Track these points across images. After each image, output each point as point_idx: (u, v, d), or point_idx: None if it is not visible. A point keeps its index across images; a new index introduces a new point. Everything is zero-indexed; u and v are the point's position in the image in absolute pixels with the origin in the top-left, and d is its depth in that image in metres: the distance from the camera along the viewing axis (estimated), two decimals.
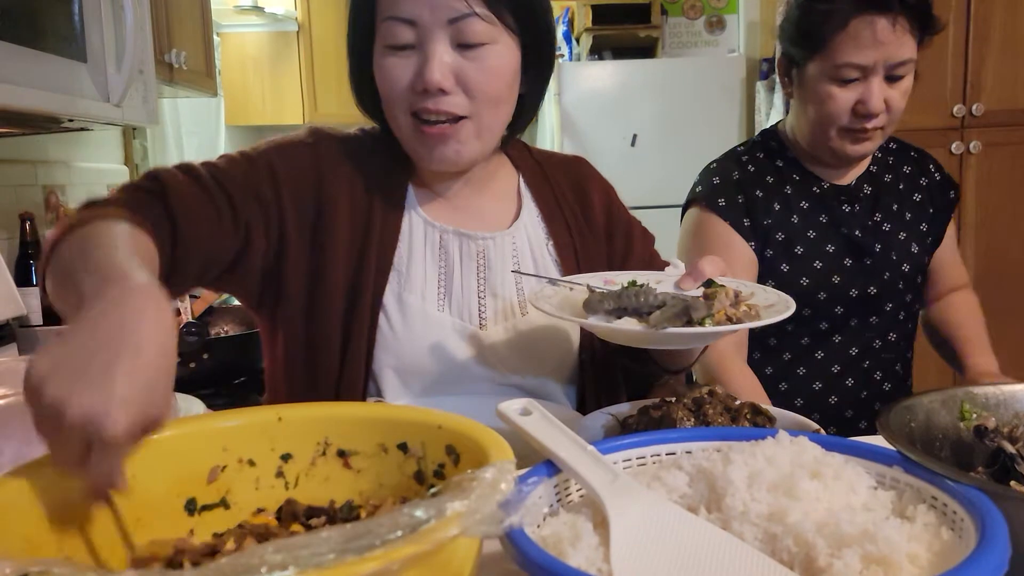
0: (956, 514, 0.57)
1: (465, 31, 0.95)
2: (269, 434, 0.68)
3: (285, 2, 4.05)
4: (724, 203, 1.44)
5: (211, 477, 0.67)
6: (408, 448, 0.66)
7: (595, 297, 0.86)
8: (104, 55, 1.70)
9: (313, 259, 1.03)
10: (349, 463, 0.69)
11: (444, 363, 1.04)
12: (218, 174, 0.99)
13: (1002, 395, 0.81)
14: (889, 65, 1.32)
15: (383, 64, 0.99)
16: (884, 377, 1.50)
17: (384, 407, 0.70)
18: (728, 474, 0.62)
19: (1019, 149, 3.00)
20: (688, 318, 0.80)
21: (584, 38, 3.64)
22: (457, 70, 0.97)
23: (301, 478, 0.69)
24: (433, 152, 1.01)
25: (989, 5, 2.90)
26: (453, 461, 0.64)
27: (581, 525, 0.60)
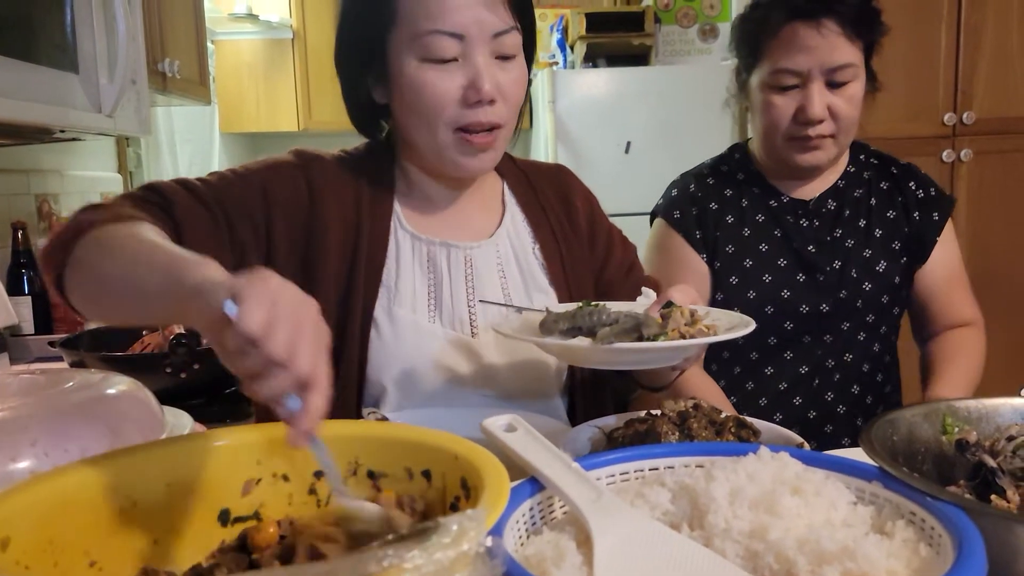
0: (934, 530, 0.58)
1: (506, 44, 1.01)
2: (302, 450, 0.68)
3: (280, 10, 4.05)
4: (679, 215, 1.45)
5: (245, 490, 0.68)
6: (431, 476, 0.67)
7: (551, 317, 0.87)
8: (96, 65, 1.70)
9: (303, 279, 1.04)
10: (379, 485, 0.69)
11: (438, 373, 1.05)
12: (215, 192, 1.00)
13: (984, 409, 0.82)
14: (826, 70, 1.31)
15: (423, 78, 1.00)
16: (836, 398, 1.43)
17: (407, 429, 0.71)
18: (710, 491, 0.62)
19: (1010, 157, 3.01)
20: (639, 335, 0.81)
21: (578, 46, 3.65)
22: (498, 81, 1.01)
23: (333, 497, 0.69)
24: (475, 159, 1.04)
25: (980, 14, 2.92)
26: (465, 496, 0.64)
27: (564, 544, 0.60)
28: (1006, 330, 3.06)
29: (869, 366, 1.45)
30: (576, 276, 1.15)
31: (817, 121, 1.32)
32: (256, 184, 1.04)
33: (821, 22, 1.29)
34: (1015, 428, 0.80)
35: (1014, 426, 0.80)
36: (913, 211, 1.47)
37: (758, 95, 1.38)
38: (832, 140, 1.36)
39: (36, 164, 2.38)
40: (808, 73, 1.31)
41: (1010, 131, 2.99)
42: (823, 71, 1.31)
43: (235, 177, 1.04)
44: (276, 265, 1.03)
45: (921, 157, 2.98)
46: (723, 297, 1.42)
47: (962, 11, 2.92)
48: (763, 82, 1.36)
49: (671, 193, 1.50)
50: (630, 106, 3.48)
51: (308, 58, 4.08)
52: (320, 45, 3.99)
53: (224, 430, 0.72)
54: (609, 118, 3.49)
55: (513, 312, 1.01)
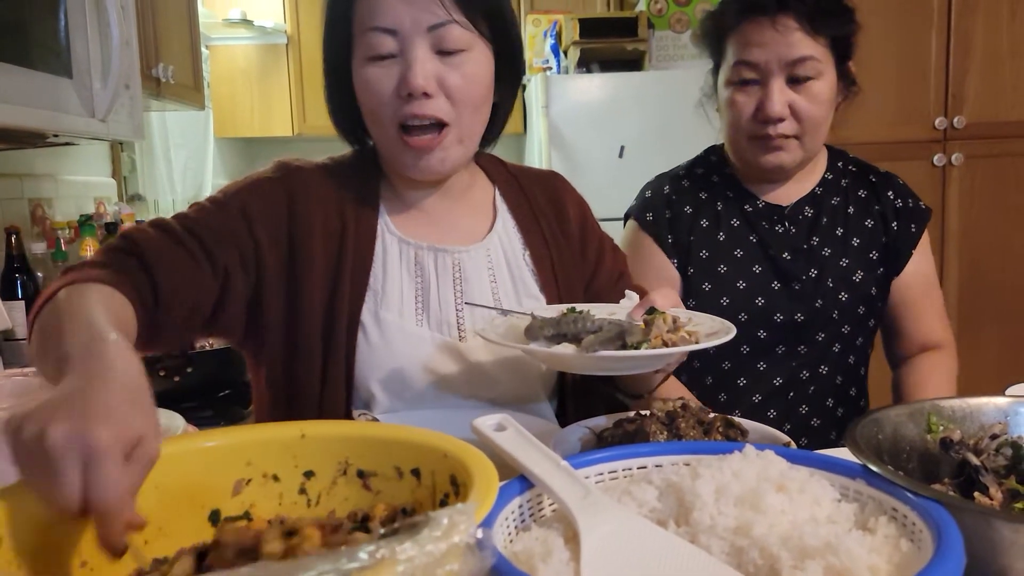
0: (915, 525, 0.59)
1: (445, 37, 0.99)
2: (292, 451, 0.70)
3: (274, 15, 4.06)
4: (651, 218, 1.43)
5: (236, 490, 0.69)
6: (420, 474, 0.67)
7: (536, 324, 0.88)
8: (90, 70, 1.71)
9: (290, 288, 1.05)
10: (368, 484, 0.70)
11: (426, 376, 1.06)
12: (190, 224, 1.01)
13: (968, 408, 0.83)
14: (785, 64, 1.28)
15: (365, 75, 1.02)
16: (811, 411, 1.40)
17: (396, 429, 0.72)
18: (696, 488, 0.63)
19: (1001, 161, 3.03)
20: (623, 342, 0.82)
21: (572, 51, 3.66)
22: (438, 75, 1.00)
23: (323, 496, 0.70)
24: (419, 162, 1.03)
25: (970, 19, 2.94)
26: (455, 492, 0.65)
27: (552, 540, 0.61)
28: (996, 333, 3.08)
29: (843, 379, 1.42)
30: (566, 282, 1.16)
31: (776, 119, 1.30)
32: (235, 207, 1.04)
33: (776, 17, 1.27)
34: (998, 427, 0.81)
35: (997, 425, 0.81)
36: (891, 220, 1.44)
37: (723, 92, 1.37)
38: (796, 141, 1.33)
39: (30, 168, 2.38)
40: (766, 66, 1.29)
41: (1000, 135, 3.01)
42: (781, 65, 1.28)
43: (212, 204, 1.05)
44: (266, 276, 1.04)
45: (912, 161, 3.01)
46: (695, 303, 1.37)
47: (952, 16, 2.94)
48: (726, 79, 1.35)
49: (644, 195, 1.48)
50: (624, 111, 3.49)
51: (302, 63, 4.09)
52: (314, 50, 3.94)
53: (214, 431, 0.72)
54: (603, 123, 3.50)
55: (499, 316, 1.01)
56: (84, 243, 2.23)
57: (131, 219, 2.62)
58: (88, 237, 2.25)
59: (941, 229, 3.05)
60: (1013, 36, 2.96)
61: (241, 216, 1.03)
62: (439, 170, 1.05)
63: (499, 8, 1.04)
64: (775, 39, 1.28)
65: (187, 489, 0.67)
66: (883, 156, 3.02)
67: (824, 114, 1.32)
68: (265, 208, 1.05)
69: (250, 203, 1.05)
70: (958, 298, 3.07)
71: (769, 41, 1.28)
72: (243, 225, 1.03)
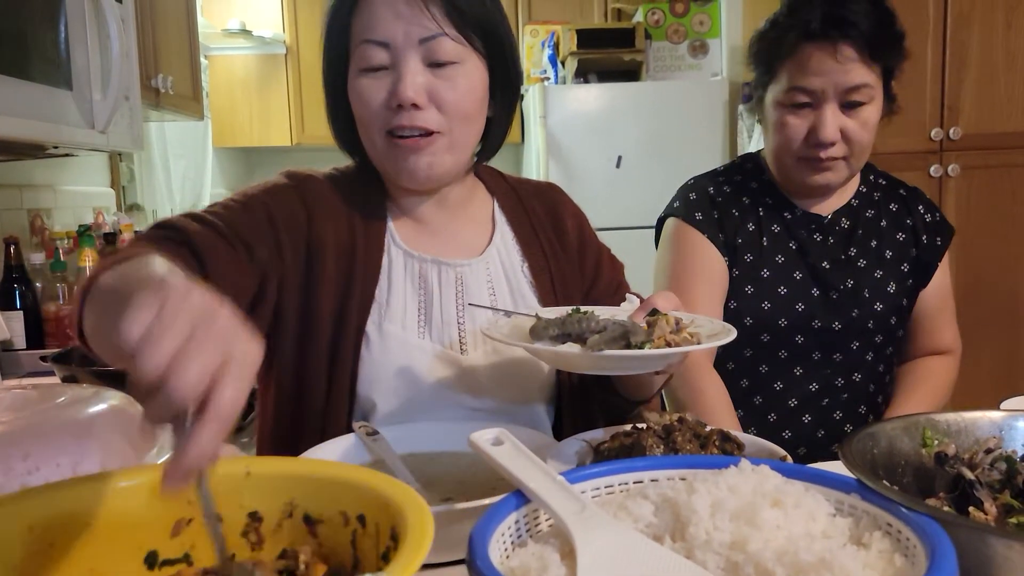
0: (909, 541, 0.59)
1: (436, 50, 1.00)
2: (237, 489, 0.64)
3: (273, 25, 4.08)
4: (701, 217, 1.44)
5: (175, 531, 0.63)
6: (366, 522, 0.61)
7: (540, 324, 0.89)
8: (89, 82, 1.72)
9: (305, 294, 1.06)
10: (315, 531, 0.64)
11: (427, 388, 1.06)
12: (227, 220, 1.01)
13: (963, 422, 0.83)
14: (841, 91, 1.30)
15: (358, 86, 1.03)
16: (845, 417, 1.43)
17: (343, 468, 0.66)
18: (692, 503, 0.63)
19: (997, 172, 3.04)
20: (627, 342, 0.83)
21: (569, 61, 3.68)
22: (429, 87, 1.01)
23: (268, 539, 0.65)
24: (406, 164, 1.04)
25: (965, 30, 2.96)
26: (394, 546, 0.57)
27: (548, 556, 0.61)
28: (992, 343, 3.09)
29: (874, 386, 1.45)
30: (565, 294, 1.16)
31: (829, 144, 1.32)
32: (260, 208, 1.05)
33: (836, 46, 1.28)
34: (993, 441, 0.81)
35: (992, 439, 0.81)
36: (921, 234, 1.47)
37: (772, 112, 1.39)
38: (844, 162, 1.36)
39: (29, 179, 2.39)
40: (822, 93, 1.31)
41: (996, 146, 3.02)
42: (837, 92, 1.30)
43: (238, 205, 1.05)
44: (287, 282, 1.05)
45: (909, 172, 3.02)
46: (736, 305, 1.41)
47: (948, 28, 2.96)
48: (777, 100, 1.36)
49: (688, 196, 1.48)
50: (621, 121, 3.51)
51: (301, 73, 4.11)
52: (313, 61, 3.99)
53: (153, 465, 0.67)
54: (600, 133, 3.52)
55: (502, 317, 1.02)
56: (83, 253, 2.24)
57: (129, 229, 2.62)
58: (87, 247, 2.25)
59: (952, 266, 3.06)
60: (1008, 48, 2.98)
61: (267, 218, 1.04)
62: (427, 175, 1.05)
63: (492, 24, 1.05)
64: (833, 67, 1.29)
65: (123, 528, 0.61)
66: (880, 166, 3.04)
67: (871, 137, 1.35)
68: (286, 214, 1.06)
69: (272, 207, 1.06)
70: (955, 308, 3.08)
71: (828, 69, 1.29)
72: (269, 227, 1.04)
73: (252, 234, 1.02)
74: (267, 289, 1.03)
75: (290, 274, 1.05)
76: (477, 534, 0.60)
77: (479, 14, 1.03)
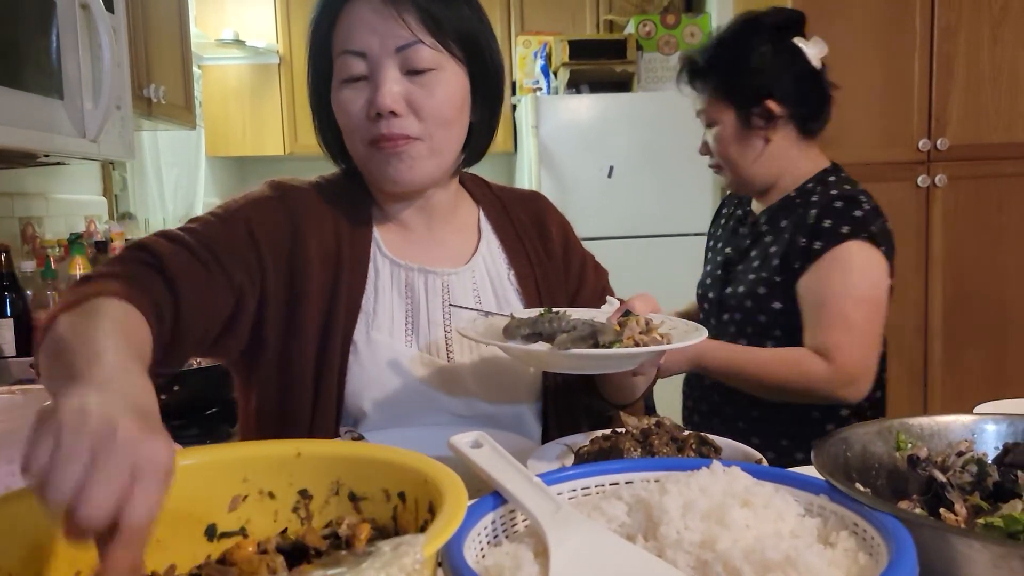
0: (874, 539, 0.60)
1: (412, 58, 1.02)
2: (288, 469, 0.71)
3: (266, 36, 4.10)
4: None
5: (232, 506, 0.69)
6: (406, 498, 0.67)
7: (513, 323, 0.91)
8: (81, 91, 1.73)
9: (289, 308, 1.06)
10: (359, 507, 0.70)
11: (414, 395, 1.07)
12: (203, 239, 1.01)
13: (936, 426, 0.85)
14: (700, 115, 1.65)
15: (340, 98, 1.05)
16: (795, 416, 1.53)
17: (384, 450, 0.72)
18: (663, 504, 0.65)
19: (983, 183, 3.07)
20: (595, 342, 0.84)
21: (561, 72, 3.70)
22: (407, 95, 1.02)
23: (316, 515, 0.71)
24: (388, 168, 1.05)
25: (951, 43, 3.00)
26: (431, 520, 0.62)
27: (522, 555, 0.62)
28: (979, 352, 3.11)
29: None
30: (550, 301, 1.17)
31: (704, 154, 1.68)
32: (241, 224, 1.05)
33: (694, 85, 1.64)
34: (964, 444, 0.82)
35: (964, 442, 0.83)
36: (797, 235, 1.51)
37: None
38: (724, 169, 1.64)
39: (20, 187, 2.39)
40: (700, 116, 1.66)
41: (983, 157, 3.05)
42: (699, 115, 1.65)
43: (218, 220, 1.06)
44: (268, 295, 1.05)
45: (897, 182, 3.05)
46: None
47: (935, 40, 3.00)
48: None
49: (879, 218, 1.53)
50: (613, 131, 3.53)
51: (294, 83, 4.13)
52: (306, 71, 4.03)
53: (212, 447, 0.73)
54: (592, 143, 3.54)
55: (480, 317, 1.04)
56: (74, 261, 2.24)
57: (121, 238, 2.63)
58: (78, 255, 2.26)
59: (925, 249, 3.09)
60: (994, 60, 3.01)
61: (248, 234, 1.05)
62: (409, 178, 1.06)
63: (470, 30, 1.06)
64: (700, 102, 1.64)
65: (183, 503, 0.67)
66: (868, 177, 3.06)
67: (727, 151, 1.61)
68: (269, 228, 1.06)
69: (255, 221, 1.06)
70: (942, 317, 3.10)
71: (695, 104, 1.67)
72: (250, 243, 1.04)
73: (229, 252, 1.02)
74: (244, 306, 1.03)
75: (272, 288, 1.05)
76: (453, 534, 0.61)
77: (456, 21, 1.04)
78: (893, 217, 2.91)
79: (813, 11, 2.96)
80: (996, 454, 0.82)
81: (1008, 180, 3.07)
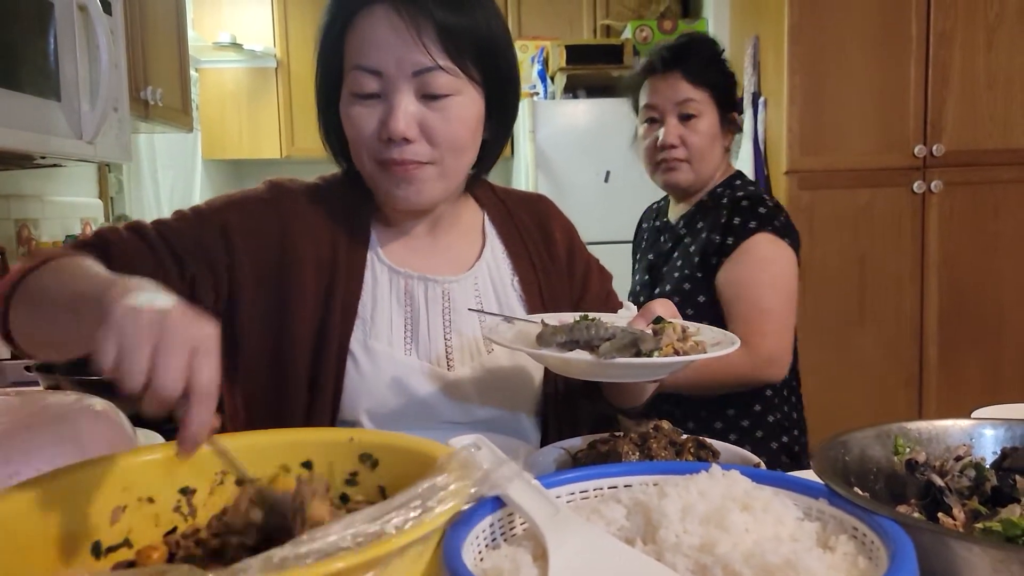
0: (873, 544, 0.60)
1: (430, 83, 0.98)
2: (168, 469, 0.71)
3: (264, 39, 4.10)
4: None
5: (113, 518, 0.68)
6: (313, 465, 0.69)
7: (548, 330, 0.88)
8: (78, 93, 1.73)
9: (277, 311, 1.05)
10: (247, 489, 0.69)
11: (414, 404, 1.06)
12: (165, 230, 1.02)
13: (934, 430, 0.85)
14: (675, 104, 1.66)
15: (350, 112, 1.02)
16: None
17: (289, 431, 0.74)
18: (663, 507, 0.64)
19: (979, 188, 3.08)
20: (637, 350, 0.83)
21: (559, 77, 3.71)
22: (421, 120, 0.99)
23: (199, 508, 0.72)
24: (397, 190, 1.03)
25: (947, 50, 3.01)
26: (370, 466, 0.69)
27: (521, 558, 0.62)
28: (976, 357, 3.11)
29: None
30: (554, 306, 1.16)
31: (670, 146, 1.67)
32: (215, 222, 1.04)
33: (667, 74, 1.68)
34: (962, 449, 0.82)
35: (962, 447, 0.83)
36: (713, 232, 1.64)
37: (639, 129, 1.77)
38: (687, 164, 1.69)
39: (17, 189, 2.39)
40: (661, 109, 1.68)
41: (978, 163, 3.06)
42: (673, 108, 1.67)
43: (193, 215, 1.06)
44: (243, 297, 1.04)
45: (893, 188, 3.06)
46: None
47: (930, 47, 3.01)
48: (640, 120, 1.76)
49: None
50: (609, 136, 3.53)
51: (292, 86, 4.13)
52: (303, 74, 4.04)
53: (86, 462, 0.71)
54: (589, 148, 3.55)
55: (503, 323, 1.01)
56: None
57: None
58: None
59: (921, 254, 3.09)
60: (989, 67, 3.02)
61: (220, 232, 1.04)
62: (416, 201, 1.04)
63: (490, 45, 1.03)
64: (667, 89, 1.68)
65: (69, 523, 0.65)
66: (864, 182, 3.09)
67: (706, 144, 1.68)
68: (252, 228, 1.05)
69: (233, 221, 1.05)
70: (939, 322, 3.11)
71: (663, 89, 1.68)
72: (220, 241, 1.03)
73: (190, 247, 1.02)
74: (198, 301, 1.01)
75: (247, 290, 1.04)
76: (450, 537, 0.60)
77: (476, 37, 1.01)
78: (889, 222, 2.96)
79: (809, 18, 2.98)
80: (994, 459, 0.82)
81: (1004, 186, 3.08)
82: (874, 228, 3.07)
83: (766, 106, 3.23)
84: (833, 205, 3.06)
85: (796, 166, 3.04)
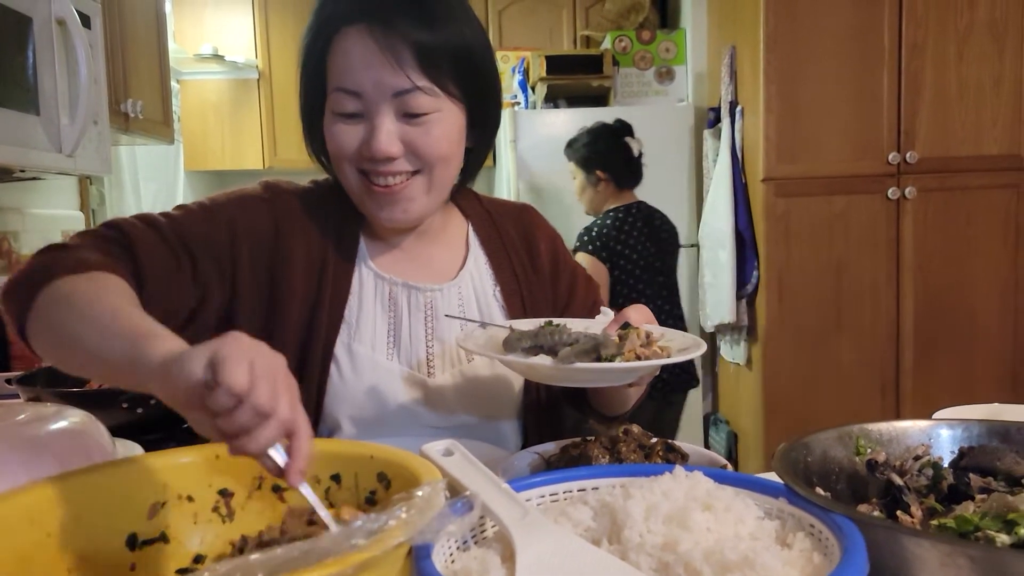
0: (829, 540, 0.62)
1: (409, 103, 0.99)
2: (207, 471, 0.73)
3: (245, 51, 4.11)
4: None
5: (151, 513, 0.71)
6: (341, 479, 0.71)
7: (514, 336, 0.90)
8: (57, 107, 1.73)
9: (267, 312, 1.06)
10: (283, 497, 0.73)
11: (394, 409, 1.07)
12: (179, 228, 1.01)
13: (894, 431, 0.87)
14: None
15: (332, 130, 1.03)
16: None
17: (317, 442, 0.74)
18: (627, 508, 0.67)
19: (952, 195, 3.14)
20: (597, 355, 0.85)
21: (539, 87, 3.74)
22: (403, 136, 1.00)
23: (237, 511, 0.74)
24: (381, 212, 1.05)
25: (919, 60, 3.07)
26: (384, 487, 0.70)
27: (490, 559, 0.64)
28: (950, 360, 3.17)
29: None
30: (536, 316, 1.16)
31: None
32: (222, 219, 1.05)
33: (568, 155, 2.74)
34: (921, 448, 0.85)
35: (921, 447, 0.86)
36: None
37: None
38: None
39: None
40: None
41: (951, 170, 3.12)
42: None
43: (201, 212, 1.05)
44: (241, 296, 1.04)
45: (868, 194, 3.11)
46: None
47: (902, 57, 3.07)
48: None
49: None
50: None
51: (274, 97, 4.13)
52: (285, 85, 4.05)
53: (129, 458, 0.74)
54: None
55: (478, 328, 1.03)
56: None
57: None
58: None
59: (896, 259, 3.14)
60: (960, 77, 3.09)
61: (227, 229, 1.04)
62: (403, 219, 1.06)
63: (469, 60, 1.03)
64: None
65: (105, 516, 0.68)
66: (840, 189, 3.14)
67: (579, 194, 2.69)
68: (251, 227, 1.06)
69: (237, 218, 1.05)
70: (913, 325, 3.16)
71: None
72: (227, 239, 1.04)
73: (203, 247, 1.02)
74: (209, 301, 1.02)
75: (246, 289, 1.05)
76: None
77: (454, 52, 1.01)
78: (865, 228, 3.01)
79: (785, 29, 3.03)
80: (952, 458, 0.85)
81: (975, 192, 3.14)
82: (850, 234, 3.11)
83: (743, 115, 3.27)
84: (809, 212, 3.10)
85: (772, 174, 3.09)
